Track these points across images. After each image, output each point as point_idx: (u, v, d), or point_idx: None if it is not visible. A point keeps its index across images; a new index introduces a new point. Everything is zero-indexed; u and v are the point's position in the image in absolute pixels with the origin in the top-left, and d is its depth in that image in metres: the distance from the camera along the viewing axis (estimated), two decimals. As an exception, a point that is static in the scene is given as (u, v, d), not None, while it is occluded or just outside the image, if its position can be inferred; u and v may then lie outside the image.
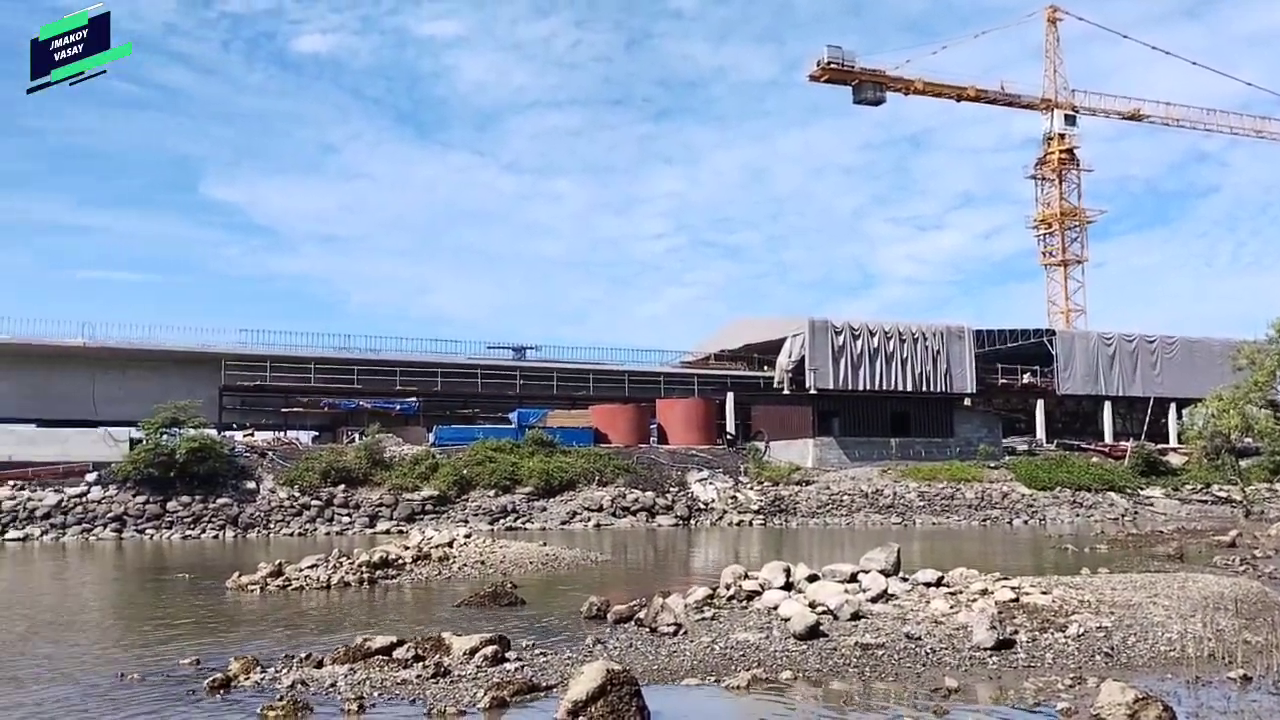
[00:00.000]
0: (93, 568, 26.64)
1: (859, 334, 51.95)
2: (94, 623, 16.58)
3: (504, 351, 57.27)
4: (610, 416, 49.28)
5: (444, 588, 19.54)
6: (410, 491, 39.94)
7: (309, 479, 39.57)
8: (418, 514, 38.95)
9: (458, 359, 53.91)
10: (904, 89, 76.93)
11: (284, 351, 50.06)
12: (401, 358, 52.47)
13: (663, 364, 59.80)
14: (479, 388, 52.91)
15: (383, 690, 10.11)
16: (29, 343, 46.69)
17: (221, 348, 49.26)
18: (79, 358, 47.47)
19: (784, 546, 30.23)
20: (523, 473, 41.72)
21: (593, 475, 42.58)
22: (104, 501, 36.87)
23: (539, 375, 54.73)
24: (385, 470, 41.04)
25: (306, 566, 20.43)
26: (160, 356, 48.94)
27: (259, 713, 9.37)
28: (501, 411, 51.39)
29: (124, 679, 11.09)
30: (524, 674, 10.52)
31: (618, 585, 19.83)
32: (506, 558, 22.98)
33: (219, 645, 13.31)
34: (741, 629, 12.57)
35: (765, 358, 56.90)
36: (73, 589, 22.08)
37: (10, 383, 46.73)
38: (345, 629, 14.33)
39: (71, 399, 47.49)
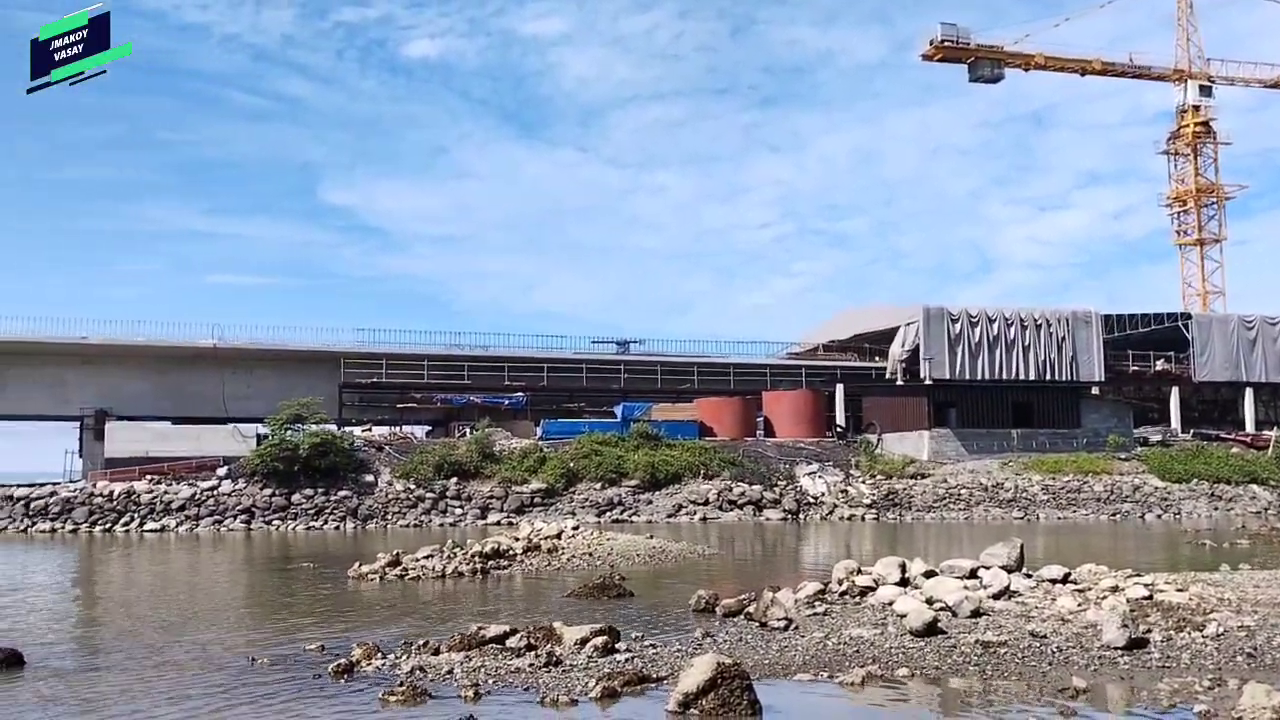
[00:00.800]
0: (224, 558, 27.79)
1: (977, 321, 50.50)
2: (227, 609, 17.29)
3: (608, 346, 57.58)
4: (716, 409, 49.06)
5: (553, 578, 19.77)
6: (519, 484, 40.54)
7: (423, 472, 40.55)
8: (527, 506, 39.51)
9: (563, 354, 54.41)
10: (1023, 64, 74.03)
11: (398, 349, 51.30)
12: (509, 353, 53.21)
13: (769, 356, 59.17)
14: (584, 382, 53.30)
15: (497, 678, 10.27)
16: (164, 345, 48.90)
17: (340, 347, 50.74)
18: (209, 358, 49.51)
19: (898, 542, 29.62)
20: (628, 466, 41.92)
21: (698, 468, 42.49)
22: (233, 494, 38.45)
23: (643, 369, 54.81)
24: (495, 463, 41.75)
25: (422, 557, 20.93)
26: (284, 356, 50.69)
27: (380, 697, 9.61)
28: (606, 405, 51.64)
29: (255, 663, 11.54)
30: (634, 665, 10.55)
31: (725, 579, 19.78)
32: (614, 550, 23.10)
33: (342, 632, 13.71)
34: (855, 625, 12.39)
35: (877, 348, 55.82)
36: (207, 578, 23.07)
37: (148, 383, 49.05)
38: (459, 617, 14.60)
39: (203, 397, 49.54)
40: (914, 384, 50.43)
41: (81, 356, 47.81)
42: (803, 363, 58.08)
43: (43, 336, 46.67)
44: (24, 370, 47.34)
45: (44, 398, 47.79)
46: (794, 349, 61.83)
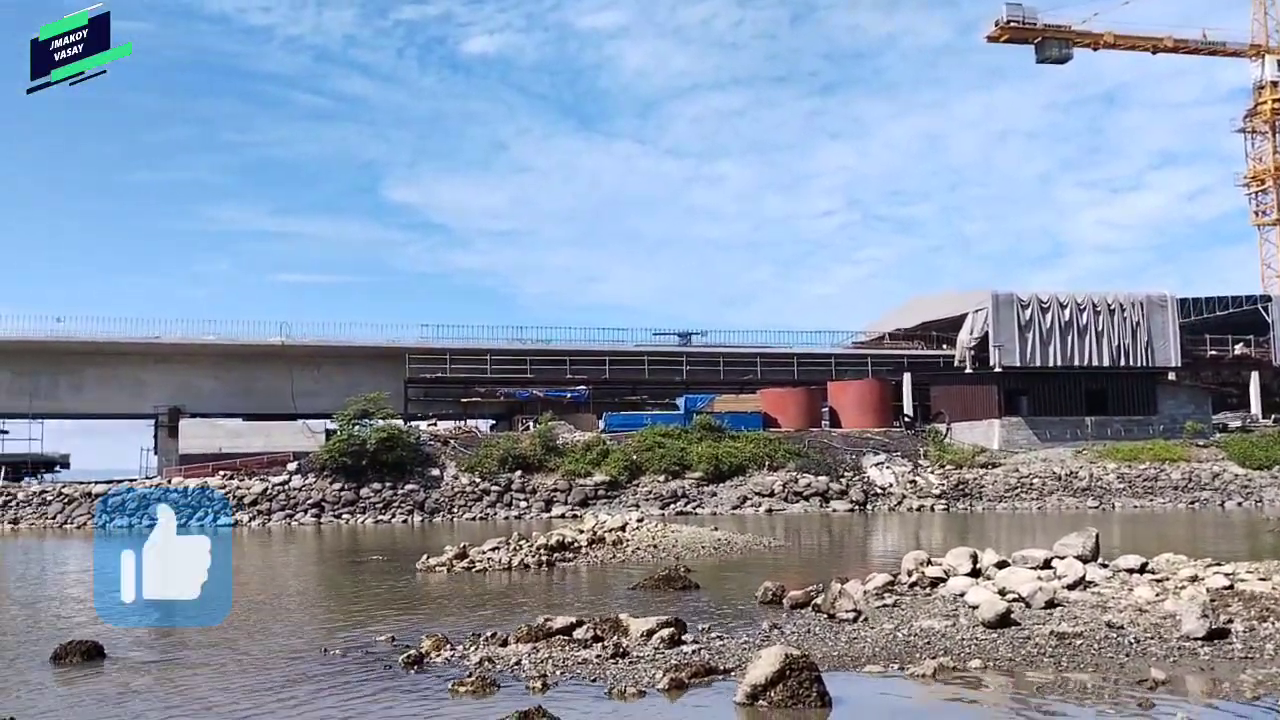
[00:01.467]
0: (296, 551, 28.35)
1: (1048, 307, 49.42)
2: (300, 602, 17.65)
3: (670, 338, 57.49)
4: (780, 400, 48.72)
5: (618, 571, 19.78)
6: (583, 477, 40.71)
7: (488, 466, 40.92)
8: (590, 499, 39.66)
9: (625, 346, 54.51)
10: (1092, 44, 72.13)
11: (462, 344, 51.85)
12: (571, 347, 53.47)
13: (834, 345, 58.66)
14: (646, 374, 53.33)
15: (564, 669, 10.29)
16: (234, 343, 50.07)
17: (405, 342, 51.44)
18: (278, 355, 50.54)
19: (968, 532, 29.19)
20: (691, 458, 41.82)
21: (763, 460, 42.26)
22: (304, 489, 39.19)
23: (705, 360, 54.68)
24: (559, 456, 41.97)
25: (488, 549, 21.07)
26: (350, 352, 51.56)
27: (450, 688, 9.67)
28: (668, 397, 51.62)
29: (327, 654, 11.73)
30: (701, 657, 10.50)
31: (792, 571, 19.59)
32: (678, 542, 23.02)
33: (411, 623, 13.87)
34: (925, 616, 12.22)
35: (944, 335, 54.98)
36: (279, 571, 23.56)
37: (219, 381, 50.26)
38: (526, 609, 14.65)
39: (272, 394, 50.61)
40: (983, 372, 49.55)
41: (156, 356, 49.13)
42: (868, 352, 57.46)
43: (119, 337, 48.05)
44: (102, 370, 48.79)
45: (121, 396, 49.22)
46: (859, 338, 61.22)
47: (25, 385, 47.85)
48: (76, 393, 48.99)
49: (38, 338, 47.55)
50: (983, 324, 49.75)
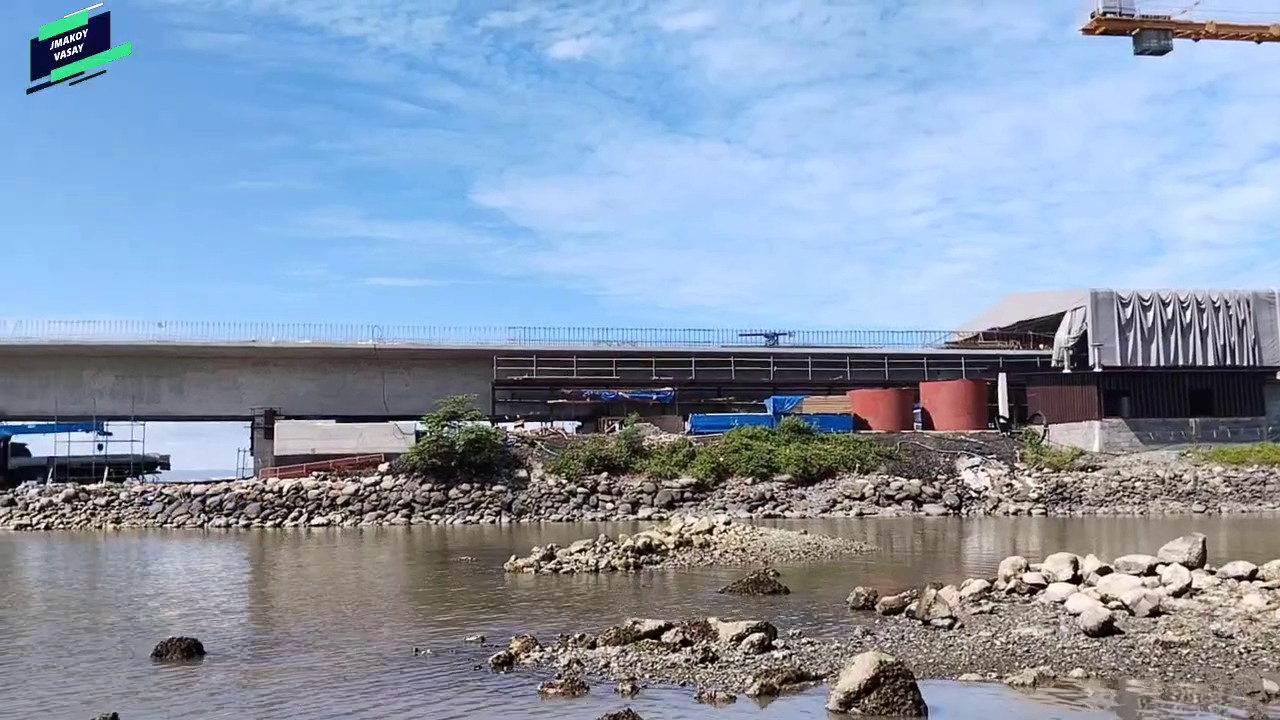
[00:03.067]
0: (387, 551, 28.81)
1: (1149, 305, 47.70)
2: (392, 601, 17.87)
3: (757, 339, 57.07)
4: (870, 401, 47.95)
5: (706, 574, 19.63)
6: (669, 479, 40.58)
7: (574, 467, 41.07)
8: (677, 501, 39.51)
9: (711, 347, 54.28)
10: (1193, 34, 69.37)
11: (548, 346, 52.27)
12: (657, 348, 53.42)
13: (926, 345, 57.55)
14: (733, 375, 53.02)
15: (653, 673, 10.25)
16: (328, 346, 51.25)
17: (493, 345, 52.03)
18: (370, 358, 51.62)
19: (1067, 537, 28.30)
20: (779, 460, 41.37)
21: (853, 462, 41.60)
22: (394, 489, 39.85)
23: (793, 361, 54.13)
24: (644, 458, 41.91)
25: (575, 551, 21.09)
26: (439, 355, 52.35)
27: (540, 690, 9.70)
28: (755, 398, 51.24)
29: (418, 654, 11.83)
30: (792, 662, 10.37)
31: (884, 576, 19.26)
32: (767, 545, 22.78)
33: (500, 624, 13.94)
34: (1024, 624, 11.90)
35: (1041, 335, 53.54)
36: (371, 571, 23.96)
37: (314, 383, 51.53)
38: (613, 612, 14.64)
39: (365, 396, 51.69)
40: (1082, 372, 48.06)
41: (253, 359, 50.57)
42: (962, 352, 56.24)
43: (218, 341, 49.63)
44: (202, 373, 50.43)
45: (219, 399, 50.79)
46: (953, 338, 59.94)
47: (128, 388, 49.65)
48: (177, 395, 50.69)
49: (141, 342, 49.31)
50: (1081, 323, 48.29)
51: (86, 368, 49.37)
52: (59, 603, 17.89)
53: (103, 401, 49.18)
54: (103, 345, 48.77)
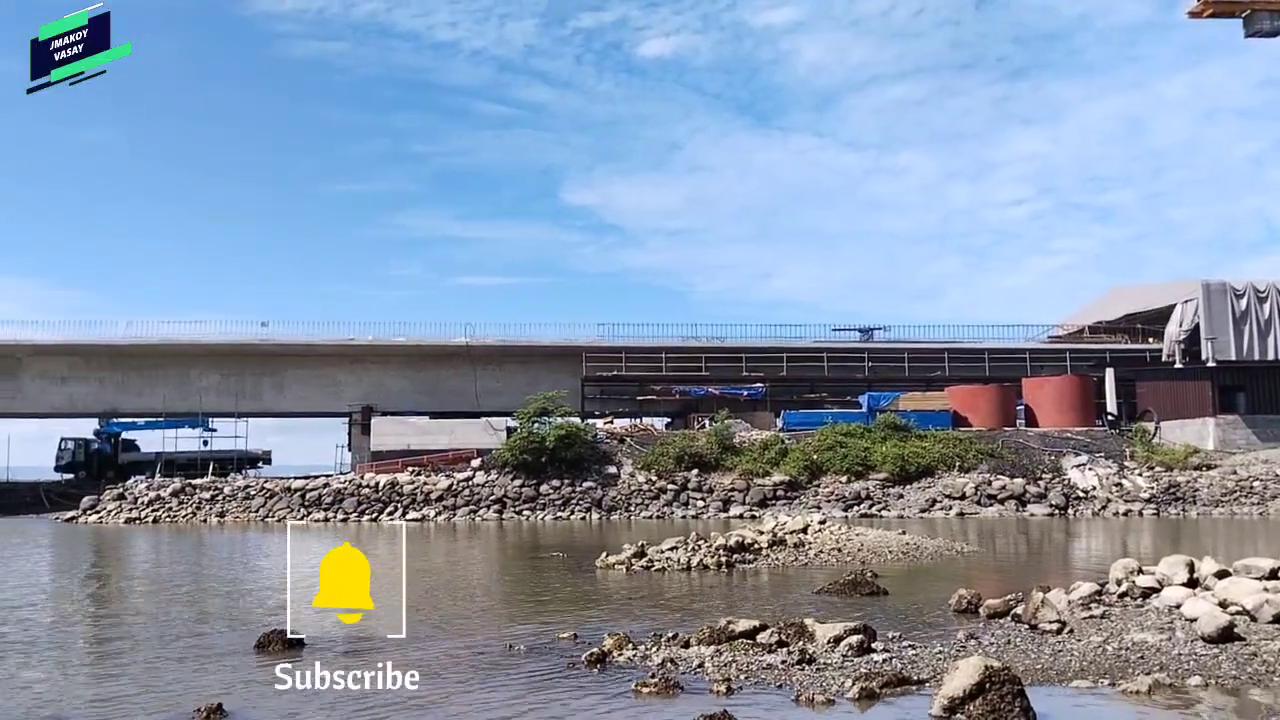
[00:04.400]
0: (480, 546, 29.08)
1: (1265, 295, 45.43)
2: (485, 596, 17.99)
3: (850, 334, 56.06)
4: (970, 398, 46.69)
5: (800, 574, 19.30)
6: (760, 477, 40.11)
7: (664, 464, 40.90)
8: (769, 499, 39.04)
9: (803, 343, 53.55)
10: (1309, 15, 66.31)
11: (637, 342, 52.24)
12: (747, 344, 52.97)
13: (1028, 340, 55.81)
14: (825, 371, 52.24)
15: (749, 674, 10.12)
16: (422, 344, 52.13)
17: (582, 341, 52.26)
18: (462, 355, 52.32)
19: (1181, 539, 27.16)
20: (875, 458, 40.54)
21: (952, 461, 40.52)
22: (486, 485, 40.24)
23: (888, 356, 53.09)
24: (735, 455, 41.51)
25: (667, 549, 20.93)
26: (529, 352, 52.83)
27: (634, 688, 9.63)
28: (849, 395, 50.37)
29: (511, 649, 11.87)
30: (892, 666, 10.18)
31: (987, 578, 18.75)
32: (864, 545, 22.25)
33: (592, 621, 13.91)
34: (1137, 629, 11.48)
35: (1150, 328, 51.53)
36: (464, 565, 24.15)
37: (408, 380, 52.49)
38: (706, 611, 14.49)
39: (457, 392, 52.42)
40: (1195, 366, 46.04)
41: (350, 357, 51.72)
42: (1066, 346, 54.44)
43: (317, 339, 50.86)
44: (301, 371, 51.76)
45: (318, 395, 52.06)
46: (1056, 332, 58.03)
47: (232, 386, 51.27)
48: (278, 392, 52.15)
49: (244, 341, 50.85)
50: (1193, 315, 46.28)
51: (193, 366, 51.11)
52: (164, 595, 18.43)
53: (208, 399, 50.81)
54: (208, 344, 50.47)
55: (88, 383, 50.59)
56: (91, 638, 13.81)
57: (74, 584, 21.18)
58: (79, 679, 10.92)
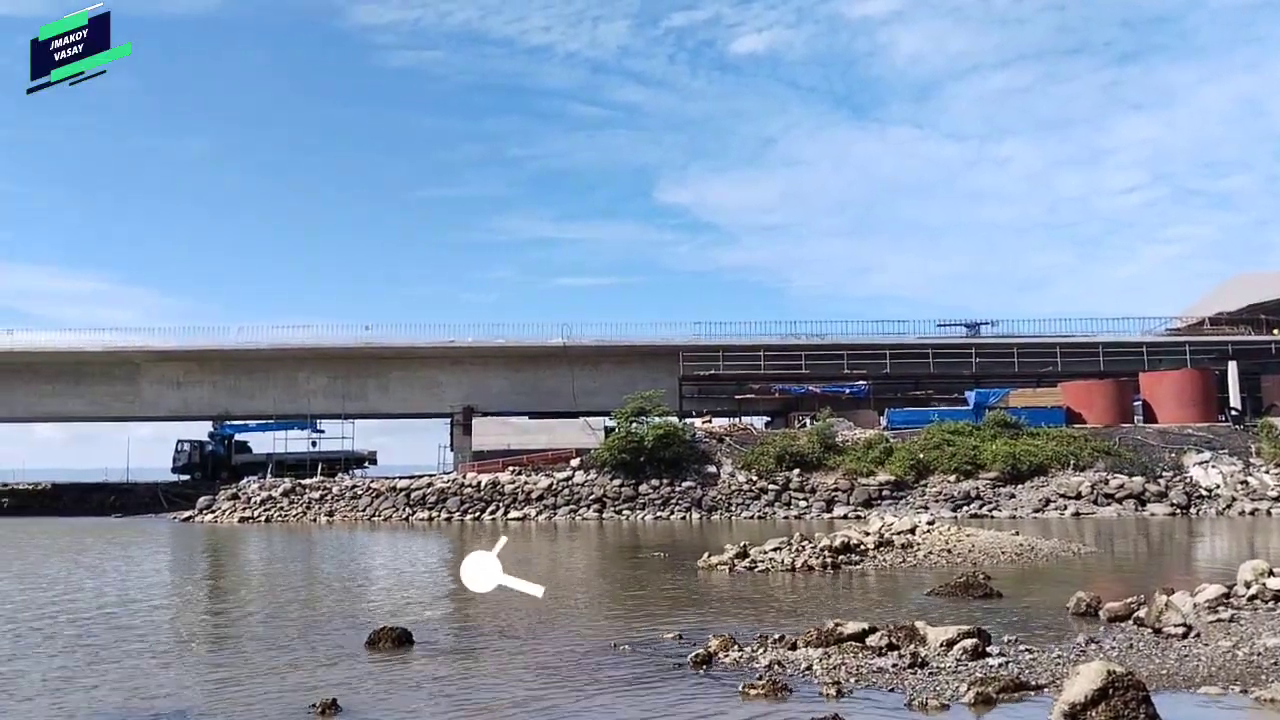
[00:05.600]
0: (580, 545, 29.26)
1: (1400, 283, 42.88)
2: (588, 596, 18.04)
3: (956, 329, 54.71)
4: (1084, 393, 45.13)
5: (909, 576, 18.93)
6: (865, 476, 39.44)
7: (764, 464, 40.53)
8: (874, 499, 38.35)
9: (906, 339, 52.45)
10: None
11: (734, 341, 51.87)
12: (848, 340, 52.08)
13: (1143, 332, 53.67)
14: (930, 368, 51.07)
15: (859, 677, 9.95)
16: (520, 345, 52.75)
17: (678, 340, 52.16)
18: (560, 356, 52.73)
19: (1313, 540, 25.73)
20: (985, 457, 39.49)
21: (1066, 459, 39.20)
22: (586, 485, 40.48)
23: (997, 352, 51.58)
24: (838, 455, 40.91)
25: (770, 549, 20.73)
26: (626, 351, 52.94)
27: (740, 690, 9.52)
28: (956, 392, 49.12)
29: (616, 648, 11.85)
30: (1008, 670, 9.94)
31: (1106, 580, 18.13)
32: (975, 546, 21.71)
33: (696, 621, 13.79)
34: (1270, 633, 11.14)
35: (1275, 319, 49.11)
36: (566, 564, 24.36)
37: (507, 380, 53.14)
38: (811, 613, 14.30)
39: (554, 392, 52.84)
40: (1323, 358, 43.68)
41: (451, 358, 52.61)
42: (1186, 339, 52.14)
43: (419, 342, 51.86)
44: (405, 373, 52.87)
45: (420, 396, 53.08)
46: (1174, 324, 55.68)
47: (338, 388, 52.65)
48: (382, 394, 53.36)
49: (350, 345, 52.18)
50: (1321, 304, 43.87)
51: (301, 370, 52.62)
52: (278, 592, 19.00)
53: (316, 401, 52.26)
54: (315, 348, 51.88)
55: (202, 387, 52.55)
56: (210, 633, 14.27)
57: (193, 582, 22.02)
58: (199, 673, 11.27)
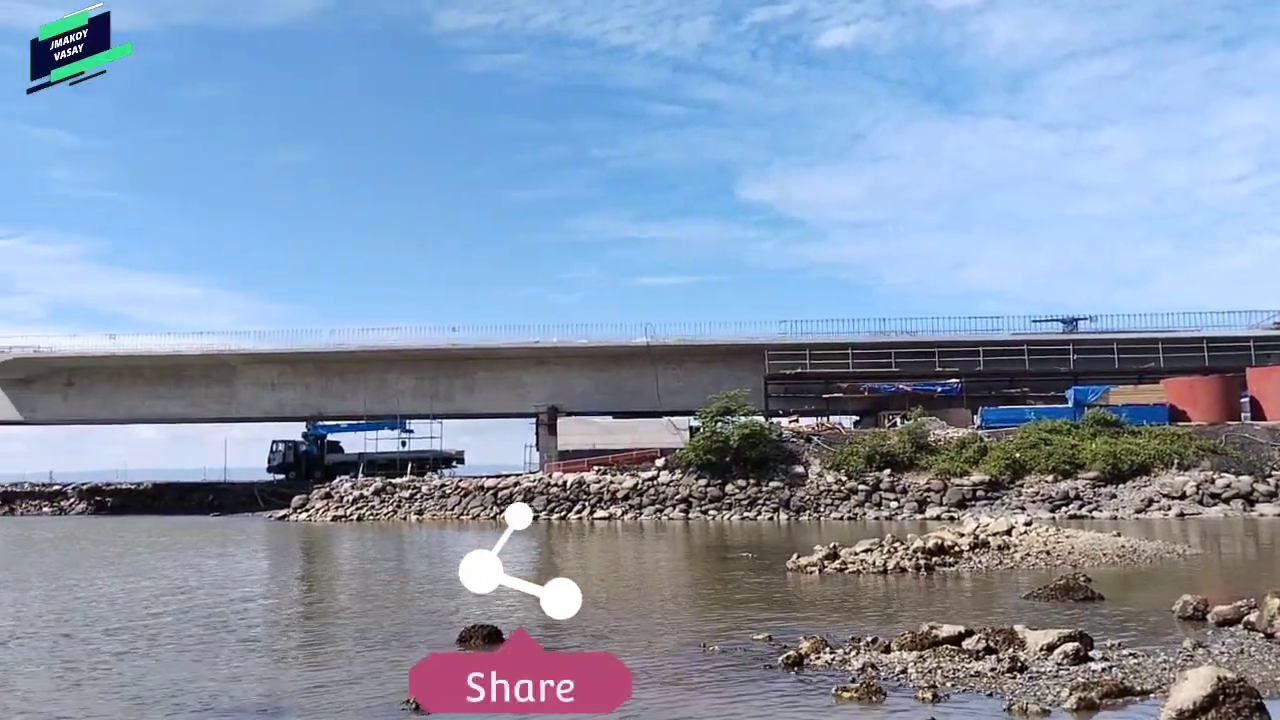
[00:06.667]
0: (666, 545, 29.19)
1: None
2: (676, 596, 18.02)
3: (1052, 324, 53.14)
4: (1188, 390, 43.48)
5: (1005, 578, 18.43)
6: (958, 476, 38.57)
7: (854, 464, 39.93)
8: (968, 500, 37.48)
9: (1000, 335, 51.13)
10: None
11: (821, 339, 51.19)
12: (939, 337, 51.03)
13: (1252, 327, 51.38)
14: (1026, 365, 49.70)
15: (955, 681, 9.79)
16: (604, 345, 52.95)
17: (763, 339, 51.74)
18: (643, 355, 52.79)
19: None
20: (1084, 456, 38.32)
21: (1170, 458, 37.81)
22: (671, 485, 40.38)
23: (1096, 348, 50.00)
24: (930, 454, 40.10)
25: (860, 551, 20.38)
26: (710, 350, 52.74)
27: (833, 693, 9.39)
28: (1053, 389, 47.74)
29: (706, 650, 11.75)
30: (1112, 675, 9.72)
31: (1213, 582, 17.51)
32: (1074, 548, 21.04)
33: (786, 623, 13.63)
34: None
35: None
36: (653, 564, 24.36)
37: (591, 380, 53.41)
38: (904, 615, 14.08)
39: (638, 392, 52.94)
40: None
41: (535, 359, 53.09)
42: (1296, 332, 49.79)
43: (504, 342, 52.52)
44: (490, 373, 53.55)
45: (506, 397, 53.71)
46: (1285, 317, 53.16)
47: (426, 389, 53.59)
48: (469, 394, 54.16)
49: (437, 346, 53.03)
50: None
51: (390, 371, 53.71)
52: (370, 589, 19.39)
53: (404, 401, 53.26)
54: (403, 350, 52.91)
55: (295, 388, 54.03)
56: (304, 629, 14.56)
57: (288, 579, 22.56)
58: (293, 668, 11.49)
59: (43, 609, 16.53)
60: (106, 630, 14.13)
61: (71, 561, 25.45)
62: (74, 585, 19.80)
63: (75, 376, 53.30)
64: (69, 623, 14.88)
